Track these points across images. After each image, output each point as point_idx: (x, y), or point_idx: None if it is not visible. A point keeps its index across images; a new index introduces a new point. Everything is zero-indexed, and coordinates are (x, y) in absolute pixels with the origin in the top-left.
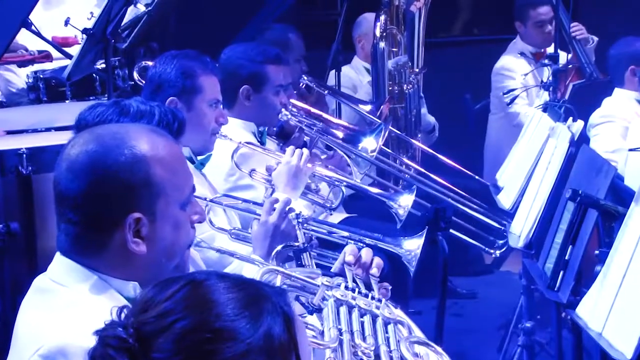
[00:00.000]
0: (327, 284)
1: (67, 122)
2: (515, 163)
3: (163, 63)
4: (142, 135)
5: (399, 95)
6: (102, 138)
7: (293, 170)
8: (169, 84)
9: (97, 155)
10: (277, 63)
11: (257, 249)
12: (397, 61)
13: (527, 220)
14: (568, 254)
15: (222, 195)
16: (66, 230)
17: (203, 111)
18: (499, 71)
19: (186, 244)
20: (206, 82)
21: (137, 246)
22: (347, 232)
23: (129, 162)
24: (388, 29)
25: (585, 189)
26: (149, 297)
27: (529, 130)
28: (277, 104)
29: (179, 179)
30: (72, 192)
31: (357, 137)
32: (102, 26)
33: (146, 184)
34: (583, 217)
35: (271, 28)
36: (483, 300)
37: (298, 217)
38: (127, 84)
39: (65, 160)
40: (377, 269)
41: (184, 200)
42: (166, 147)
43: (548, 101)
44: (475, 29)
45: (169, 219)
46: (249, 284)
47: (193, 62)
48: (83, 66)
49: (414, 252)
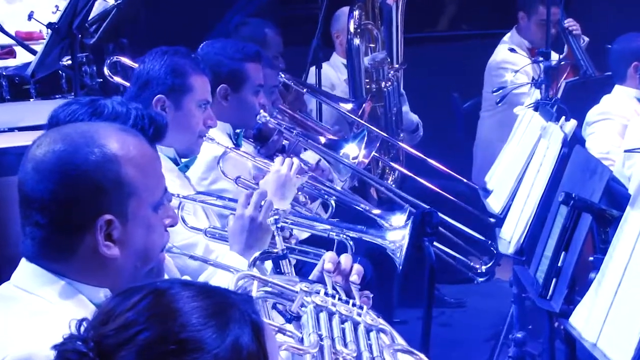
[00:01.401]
0: (306, 290)
1: (31, 122)
2: (505, 165)
3: (152, 59)
4: (112, 134)
5: (377, 93)
6: (70, 137)
7: (282, 180)
8: (158, 81)
9: (65, 154)
10: (257, 61)
11: (234, 244)
12: (374, 57)
13: (517, 225)
14: (561, 260)
15: (196, 193)
16: (32, 234)
17: (191, 112)
18: (500, 65)
19: (160, 247)
20: (197, 82)
21: (109, 250)
22: (329, 225)
23: (99, 162)
24: (363, 24)
25: (578, 192)
26: (109, 307)
27: (520, 131)
28: (256, 104)
29: (151, 179)
30: (39, 194)
31: (339, 143)
32: (68, 20)
33: (117, 185)
34: (577, 221)
35: (247, 23)
36: (472, 310)
37: (277, 222)
38: (95, 82)
39: (31, 161)
40: (357, 276)
41: (157, 202)
42: (137, 147)
43: (539, 99)
44: (463, 24)
45: (142, 221)
46: (214, 291)
47: (184, 59)
48: (48, 63)
49: (399, 243)
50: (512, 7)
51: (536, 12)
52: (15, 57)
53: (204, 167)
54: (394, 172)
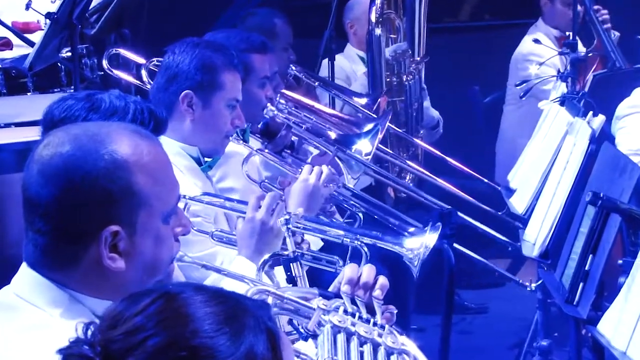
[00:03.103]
0: (324, 308)
1: (28, 118)
2: (529, 163)
3: (183, 51)
4: (124, 137)
5: (398, 87)
6: (79, 139)
7: (309, 190)
8: (186, 76)
9: (73, 158)
10: (263, 52)
11: (243, 248)
12: (396, 49)
13: (542, 227)
14: (588, 264)
15: (202, 194)
16: (34, 241)
17: (220, 111)
18: (527, 57)
19: (169, 259)
20: (228, 79)
21: (114, 262)
22: (343, 231)
23: (109, 168)
24: (385, 13)
25: (607, 192)
26: (117, 311)
27: (545, 126)
28: (263, 97)
29: (163, 188)
30: (43, 199)
31: (350, 139)
32: (67, 10)
33: (127, 194)
34: (605, 222)
35: (254, 13)
36: (494, 316)
37: (288, 223)
38: (95, 75)
39: (37, 162)
40: (380, 291)
41: (168, 212)
42: (151, 152)
43: (566, 93)
44: (485, 14)
45: (151, 232)
46: (228, 297)
47: (216, 54)
48: (46, 55)
49: (417, 251)
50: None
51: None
52: (11, 49)
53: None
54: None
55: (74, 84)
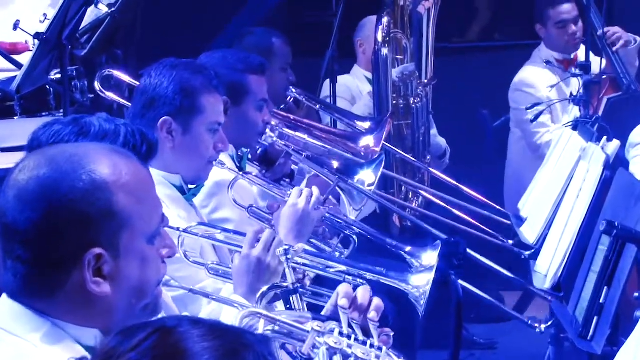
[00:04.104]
0: (319, 330)
1: (15, 142)
2: (540, 190)
3: (159, 74)
4: (102, 157)
5: (405, 110)
6: (55, 161)
7: (299, 215)
8: (164, 101)
9: (50, 181)
10: (261, 74)
11: (238, 286)
12: (403, 70)
13: (554, 258)
14: (603, 296)
15: (197, 225)
16: (14, 270)
17: (201, 136)
18: (518, 87)
19: (156, 281)
20: (208, 102)
21: (98, 286)
22: (345, 266)
23: (88, 189)
24: (392, 32)
25: (622, 220)
26: (111, 346)
27: (557, 152)
28: (259, 121)
29: (146, 208)
30: (21, 225)
31: (353, 168)
32: (57, 30)
33: (108, 214)
34: (620, 253)
35: (252, 32)
36: (504, 352)
37: (287, 253)
38: (86, 98)
39: (13, 188)
40: (376, 313)
41: (152, 233)
42: (131, 171)
43: (579, 118)
44: (495, 33)
45: (136, 254)
46: (227, 331)
47: (195, 76)
48: (35, 77)
49: (423, 289)
50: None
51: (549, 17)
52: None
53: (204, 193)
54: (418, 197)
55: (64, 108)
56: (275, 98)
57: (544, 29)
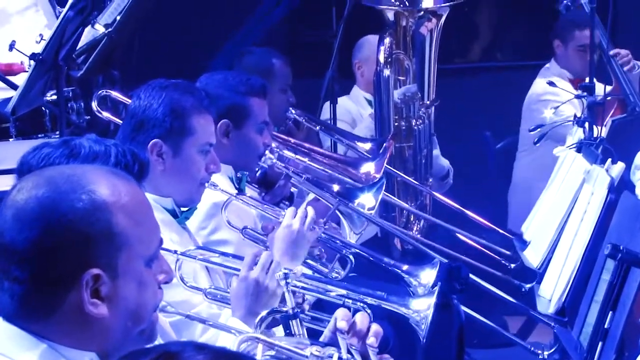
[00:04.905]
0: (317, 355)
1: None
2: (544, 213)
3: (149, 96)
4: (101, 177)
5: (407, 132)
6: (54, 181)
7: (294, 237)
8: (154, 123)
9: (49, 201)
10: (263, 96)
11: (236, 309)
12: (405, 91)
13: (558, 282)
14: (608, 321)
15: (195, 248)
16: (11, 291)
17: (192, 158)
18: (540, 97)
19: (153, 306)
20: (199, 123)
21: (96, 308)
22: (345, 290)
23: (87, 209)
24: (394, 53)
25: (627, 244)
26: None
27: (561, 174)
28: (260, 144)
29: (144, 230)
30: (19, 245)
31: (353, 192)
32: (53, 51)
33: (107, 235)
34: (625, 277)
35: (251, 52)
36: None
37: (287, 277)
38: (82, 119)
39: (11, 207)
40: (375, 338)
41: (150, 256)
42: (130, 193)
43: (583, 139)
44: (497, 54)
45: (133, 276)
46: (232, 356)
47: (185, 96)
48: (31, 98)
49: (424, 313)
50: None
51: (572, 37)
52: None
53: (202, 215)
54: (419, 220)
55: (60, 129)
56: (274, 119)
57: (563, 47)
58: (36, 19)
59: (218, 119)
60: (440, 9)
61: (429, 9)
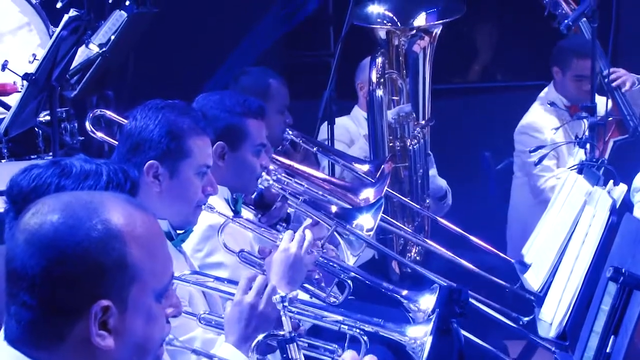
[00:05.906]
0: None
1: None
2: (545, 235)
3: (145, 117)
4: (117, 206)
5: (402, 152)
6: (71, 207)
7: (291, 261)
8: (150, 144)
9: (64, 227)
10: (260, 118)
11: (229, 334)
12: (399, 111)
13: (559, 305)
14: (610, 345)
15: (190, 273)
16: (18, 316)
17: (189, 180)
18: (525, 130)
19: (160, 340)
20: (196, 145)
21: (103, 340)
22: (341, 316)
23: (102, 239)
24: (387, 73)
25: (629, 267)
26: None
27: (562, 196)
28: (257, 166)
29: (157, 263)
30: (30, 270)
31: (351, 213)
32: (46, 71)
33: (120, 266)
34: (627, 301)
35: (247, 72)
36: None
37: (283, 300)
38: (76, 140)
39: (24, 232)
40: None
41: (161, 290)
42: (145, 224)
43: (584, 161)
44: (497, 74)
45: (142, 310)
46: None
47: (182, 118)
48: (23, 119)
49: (421, 341)
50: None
51: (570, 66)
52: None
53: (198, 237)
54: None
55: (53, 150)
56: (272, 140)
57: (561, 73)
58: (29, 39)
59: (215, 140)
60: (432, 26)
61: (421, 27)
